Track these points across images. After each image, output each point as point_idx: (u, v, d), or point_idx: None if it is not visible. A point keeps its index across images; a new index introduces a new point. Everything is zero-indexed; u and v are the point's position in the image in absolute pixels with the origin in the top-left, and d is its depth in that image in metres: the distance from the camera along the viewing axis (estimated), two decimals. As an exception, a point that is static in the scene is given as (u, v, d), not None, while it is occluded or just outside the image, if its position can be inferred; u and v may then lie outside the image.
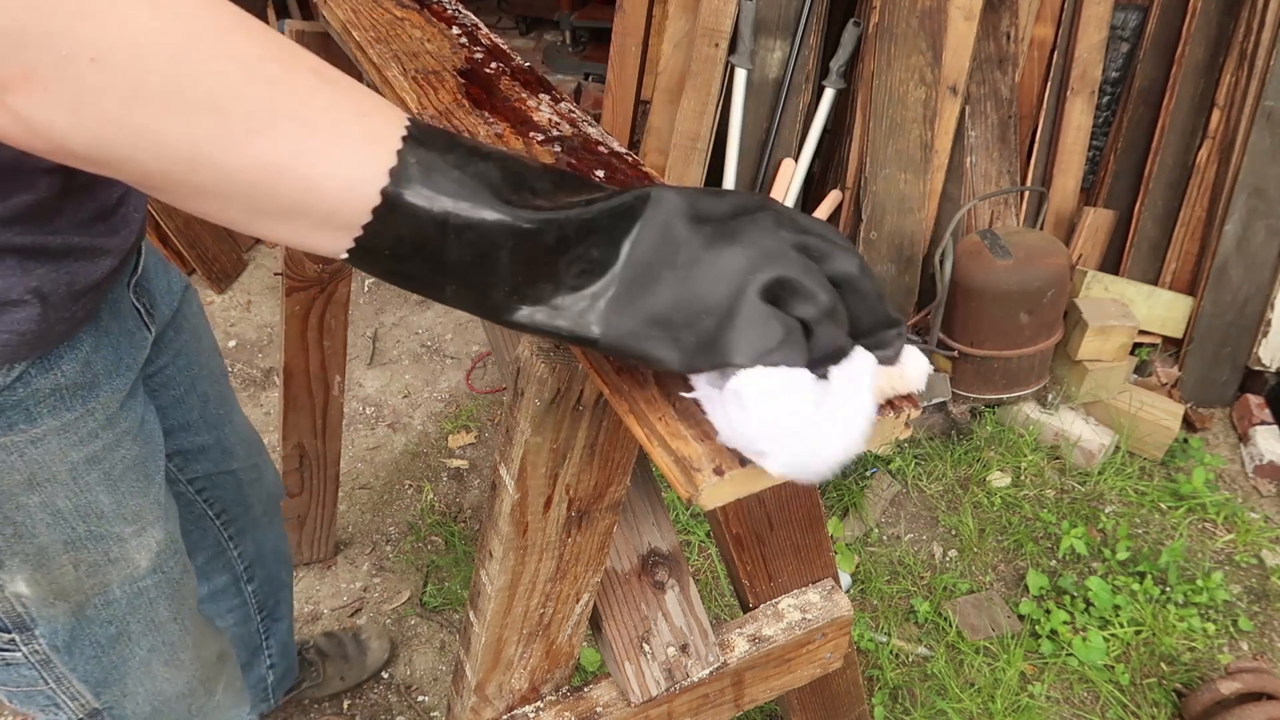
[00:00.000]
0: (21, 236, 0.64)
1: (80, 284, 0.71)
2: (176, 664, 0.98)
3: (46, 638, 0.85)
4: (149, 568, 0.89)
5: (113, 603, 0.87)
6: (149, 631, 0.93)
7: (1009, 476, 2.27)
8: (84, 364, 0.76)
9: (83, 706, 0.93)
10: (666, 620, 0.87)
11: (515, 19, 4.70)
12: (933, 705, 1.77)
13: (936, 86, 2.30)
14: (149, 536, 0.88)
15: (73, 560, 0.81)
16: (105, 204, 0.73)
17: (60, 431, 0.75)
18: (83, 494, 0.79)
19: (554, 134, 0.85)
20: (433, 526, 2.15)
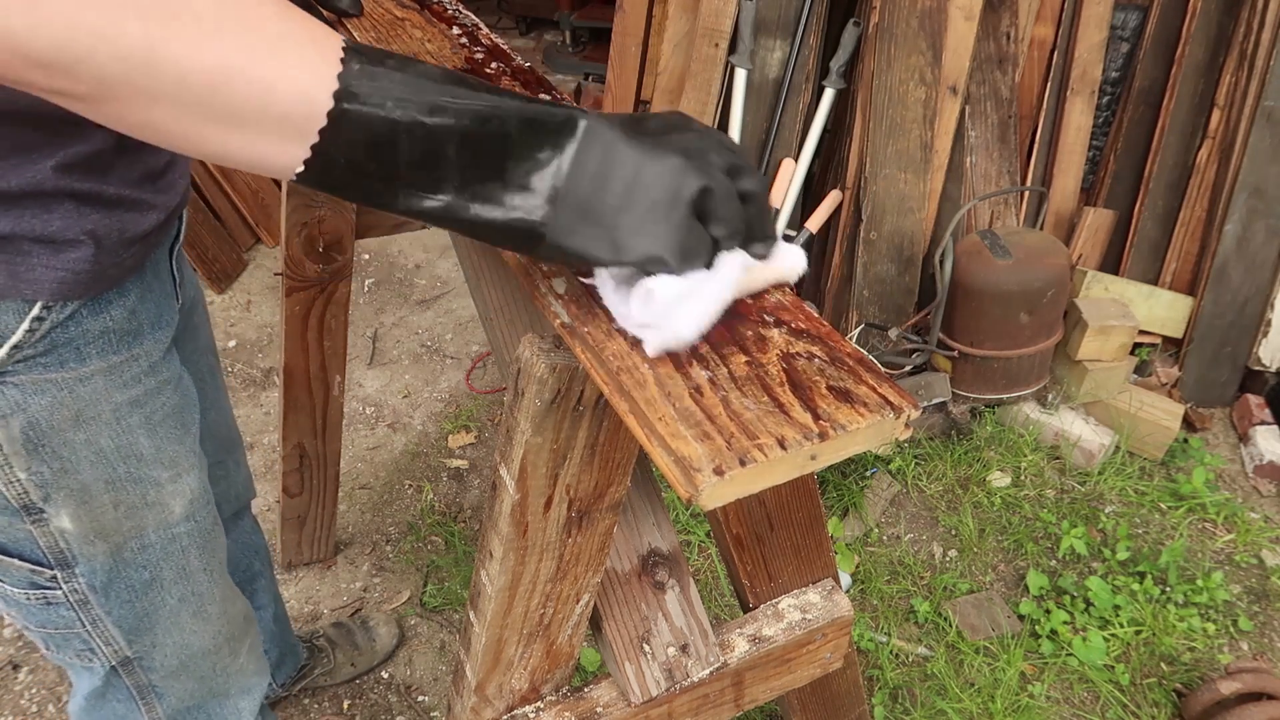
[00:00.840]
0: (79, 183, 0.69)
1: (130, 233, 0.76)
2: (204, 616, 1.01)
3: (85, 577, 0.88)
4: (183, 515, 0.93)
5: (148, 547, 0.91)
6: (180, 580, 0.96)
7: (1009, 476, 2.27)
8: (130, 312, 0.80)
9: (116, 653, 0.96)
10: (666, 620, 0.87)
11: (515, 19, 4.70)
12: (933, 705, 1.77)
13: (936, 86, 2.30)
14: (184, 484, 0.91)
15: (113, 500, 0.85)
16: (154, 166, 0.78)
17: (106, 373, 0.80)
18: (124, 435, 0.83)
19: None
20: (433, 526, 2.15)
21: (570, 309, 0.61)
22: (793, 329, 0.59)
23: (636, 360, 0.56)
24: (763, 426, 0.51)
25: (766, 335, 0.58)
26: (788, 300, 0.62)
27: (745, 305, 0.61)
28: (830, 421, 0.52)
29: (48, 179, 0.67)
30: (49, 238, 0.70)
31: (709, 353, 0.56)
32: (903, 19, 2.27)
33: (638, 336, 0.56)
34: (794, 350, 0.57)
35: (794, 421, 0.52)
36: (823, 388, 0.54)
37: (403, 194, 0.53)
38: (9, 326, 0.72)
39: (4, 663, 1.84)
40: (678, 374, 0.55)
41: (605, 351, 0.56)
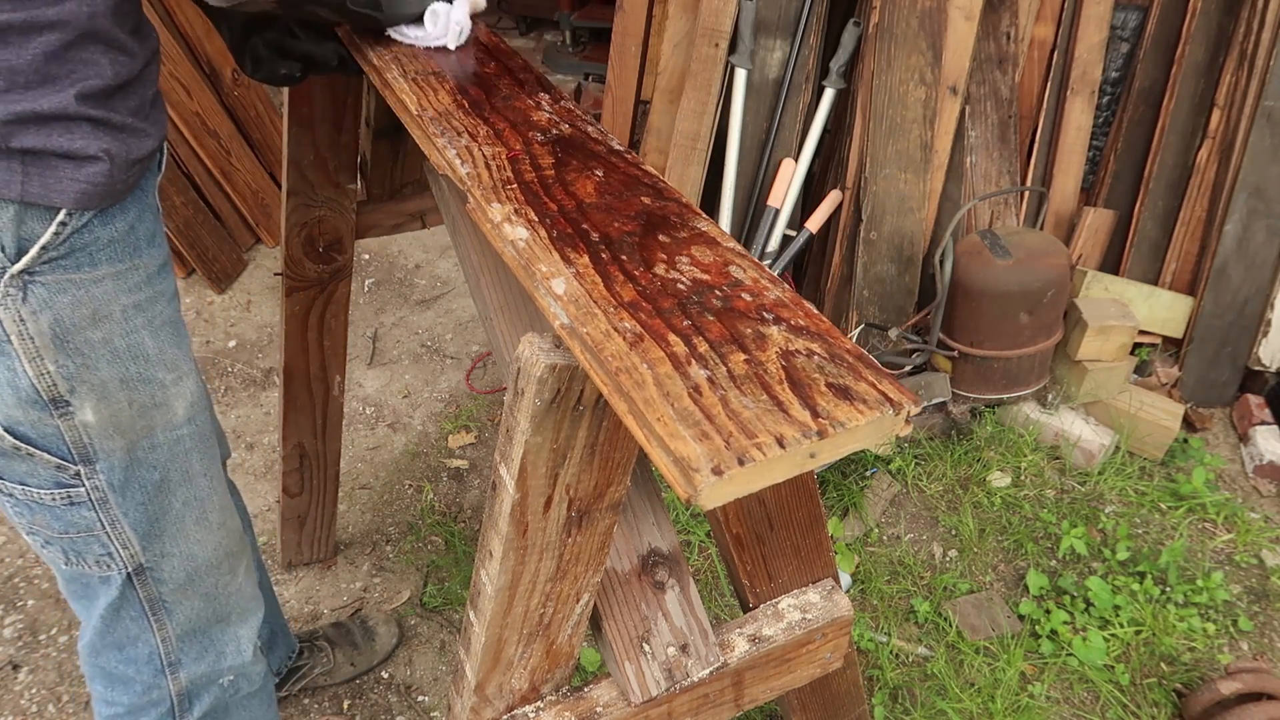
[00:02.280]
0: (94, 110, 0.84)
1: (134, 154, 0.89)
2: (206, 524, 1.09)
3: (105, 474, 0.97)
4: (185, 417, 1.03)
5: (157, 447, 1.01)
6: (184, 482, 1.05)
7: (1009, 476, 2.27)
8: (130, 227, 0.92)
9: (132, 557, 1.04)
10: (666, 620, 0.87)
11: (515, 19, 4.70)
12: (933, 705, 1.77)
13: (936, 86, 2.30)
14: (184, 386, 1.02)
15: (128, 398, 0.96)
16: (145, 98, 0.92)
17: (114, 277, 0.92)
18: (132, 335, 0.95)
19: (554, 133, 0.85)
20: (433, 526, 2.15)
21: (569, 309, 0.61)
22: (792, 326, 0.59)
23: (635, 360, 0.56)
24: (761, 425, 0.51)
25: (765, 333, 0.58)
26: (787, 297, 0.62)
27: (744, 303, 0.61)
28: (829, 419, 0.52)
29: (70, 105, 0.82)
30: (73, 153, 0.83)
31: (708, 351, 0.56)
32: (903, 19, 2.27)
33: (439, 46, 0.99)
34: (793, 347, 0.57)
35: (793, 419, 0.52)
36: (822, 385, 0.54)
37: None
38: (39, 231, 0.84)
39: (4, 663, 1.84)
40: (676, 373, 0.55)
41: (604, 352, 0.56)
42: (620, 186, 0.76)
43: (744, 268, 0.65)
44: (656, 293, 0.62)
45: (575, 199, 0.73)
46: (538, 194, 0.74)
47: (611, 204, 0.73)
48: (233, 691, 1.22)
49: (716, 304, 0.61)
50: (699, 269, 0.65)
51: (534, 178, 0.77)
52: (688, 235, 0.69)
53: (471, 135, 0.83)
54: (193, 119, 2.80)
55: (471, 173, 0.77)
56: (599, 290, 0.62)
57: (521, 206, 0.72)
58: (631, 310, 0.60)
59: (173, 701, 1.16)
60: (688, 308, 0.61)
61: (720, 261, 0.66)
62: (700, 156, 2.44)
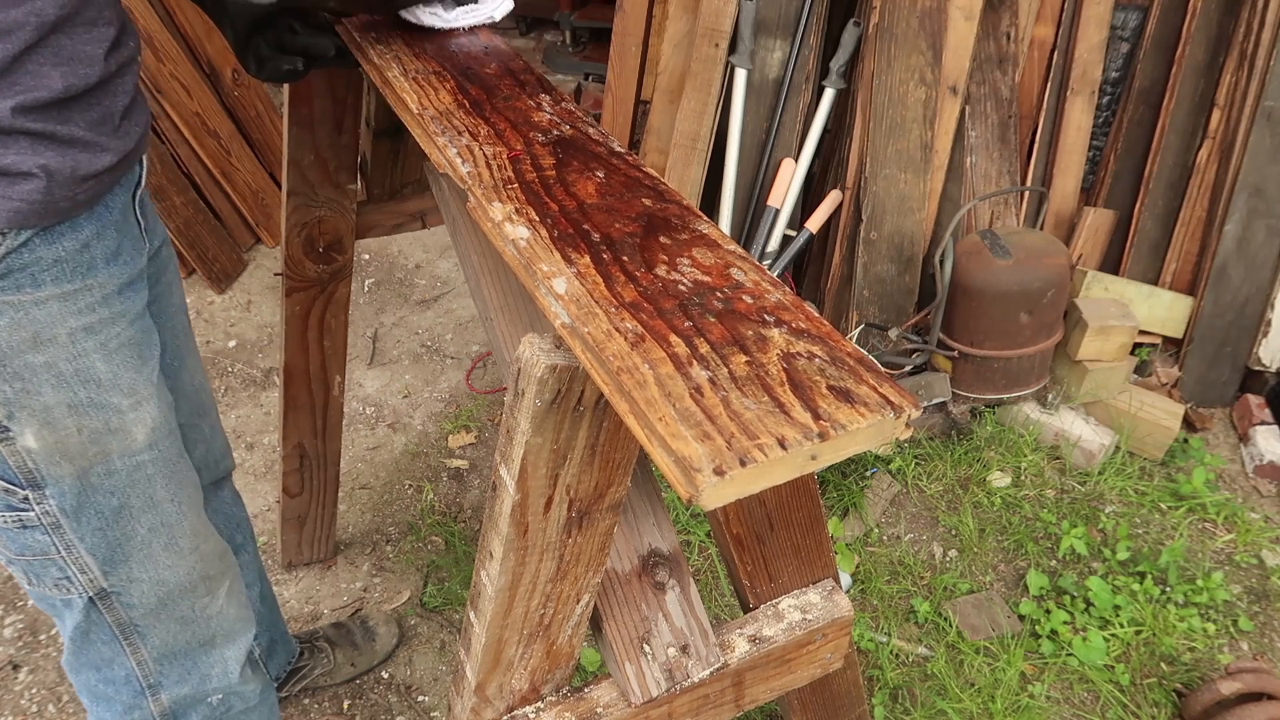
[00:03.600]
0: (34, 123, 0.79)
1: (84, 170, 0.84)
2: (176, 550, 1.05)
3: (56, 499, 0.94)
4: (145, 442, 0.98)
5: (114, 473, 0.96)
6: (148, 509, 1.00)
7: (1009, 476, 2.27)
8: (83, 246, 0.87)
9: (91, 582, 1.00)
10: (667, 621, 0.87)
11: (515, 19, 4.69)
12: (933, 705, 1.77)
13: (936, 86, 2.30)
14: (144, 412, 0.97)
15: (76, 424, 0.91)
16: (110, 110, 0.87)
17: (61, 299, 0.87)
18: (80, 359, 0.90)
19: (554, 134, 0.85)
20: (433, 526, 2.15)
21: (571, 309, 0.61)
22: (793, 329, 0.59)
23: (637, 360, 0.56)
24: (763, 426, 0.51)
25: (767, 335, 0.58)
26: (788, 300, 0.62)
27: (745, 305, 0.61)
28: (831, 421, 0.52)
29: (5, 118, 0.77)
30: (4, 169, 0.78)
31: (710, 353, 0.56)
32: (903, 19, 2.27)
33: (458, 26, 0.97)
34: (794, 350, 0.57)
35: (794, 421, 0.52)
36: (823, 387, 0.54)
37: None
38: None
39: (4, 663, 1.84)
40: (678, 374, 0.55)
41: (605, 352, 0.56)
42: (621, 188, 0.76)
43: (745, 270, 0.65)
44: (658, 294, 0.62)
45: (576, 199, 0.73)
46: (539, 194, 0.74)
47: (613, 205, 0.73)
48: (224, 709, 1.18)
49: (718, 306, 0.61)
50: (700, 271, 0.65)
51: (535, 177, 0.77)
52: (689, 237, 0.69)
53: (472, 134, 0.83)
54: (193, 119, 2.80)
55: (472, 172, 0.77)
56: (600, 290, 0.62)
57: (522, 206, 0.72)
58: (633, 311, 0.60)
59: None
60: (689, 309, 0.61)
61: (721, 264, 0.66)
62: (700, 156, 2.44)
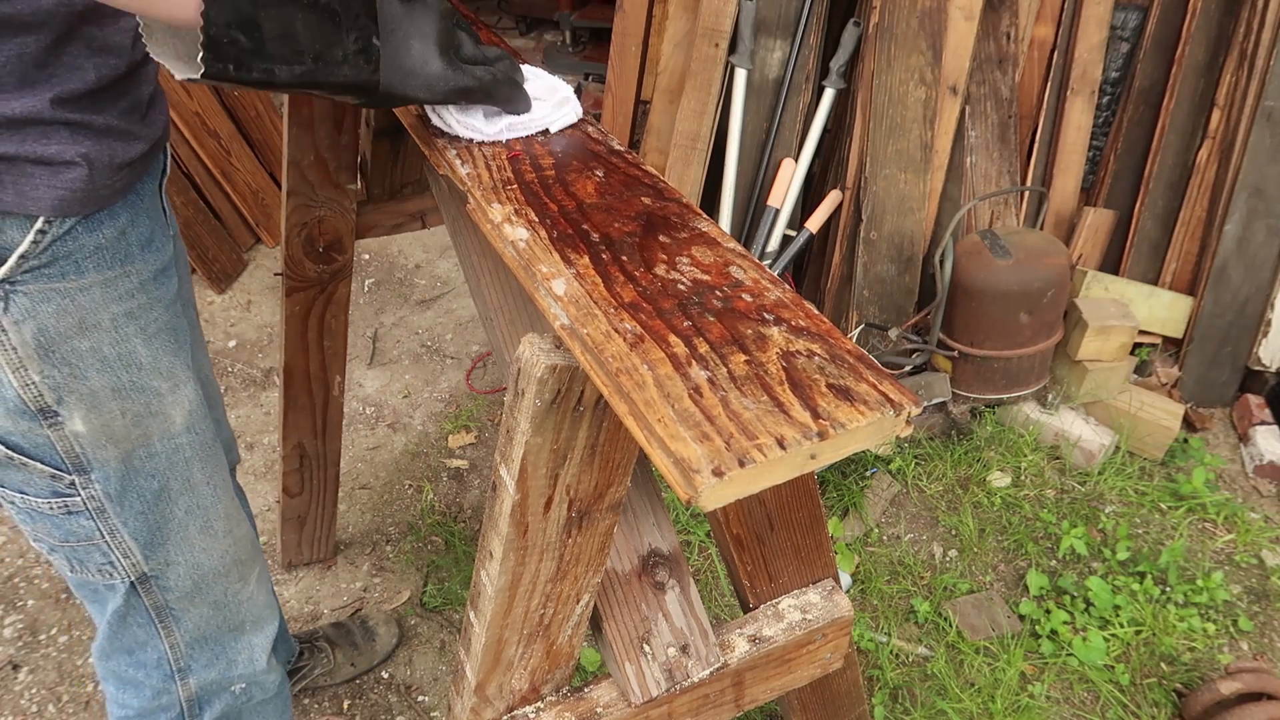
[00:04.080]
0: (73, 114, 0.81)
1: (119, 158, 0.86)
2: (211, 532, 1.08)
3: (101, 483, 0.96)
4: (183, 425, 1.01)
5: (154, 455, 0.99)
6: (185, 491, 1.03)
7: (1009, 476, 2.27)
8: (120, 233, 0.90)
9: (134, 566, 1.03)
10: (667, 621, 0.87)
11: (515, 19, 4.69)
12: (933, 705, 1.77)
13: (936, 86, 2.30)
14: (182, 394, 1.00)
15: (120, 408, 0.94)
16: (139, 99, 0.89)
17: (103, 285, 0.89)
18: (123, 343, 0.93)
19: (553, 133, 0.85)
20: (433, 526, 2.15)
21: (570, 310, 0.61)
22: (792, 327, 0.59)
23: (636, 361, 0.56)
24: (762, 426, 0.51)
25: (766, 333, 0.58)
26: (787, 297, 0.62)
27: (744, 304, 0.61)
28: (830, 420, 0.52)
29: (45, 109, 0.79)
30: (48, 159, 0.81)
31: (709, 352, 0.56)
32: (903, 19, 2.27)
33: (494, 139, 0.83)
34: (794, 348, 0.57)
35: (793, 421, 0.52)
36: (822, 386, 0.54)
37: (276, 66, 0.71)
38: (16, 239, 0.82)
39: (4, 663, 1.84)
40: (677, 374, 0.55)
41: (604, 353, 0.56)
42: (620, 187, 0.75)
43: (744, 268, 0.65)
44: (657, 293, 0.62)
45: (575, 199, 0.73)
46: (538, 194, 0.74)
47: (612, 204, 0.73)
48: (245, 699, 1.21)
49: (717, 305, 0.61)
50: (699, 269, 0.65)
51: (534, 178, 0.77)
52: (688, 236, 0.69)
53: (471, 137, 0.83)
54: (193, 119, 2.80)
55: (472, 173, 0.77)
56: (599, 291, 0.62)
57: (522, 207, 0.72)
58: (632, 311, 0.60)
59: (182, 707, 1.16)
60: (688, 308, 0.61)
61: (721, 262, 0.66)
62: (700, 156, 2.44)
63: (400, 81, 0.77)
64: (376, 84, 0.76)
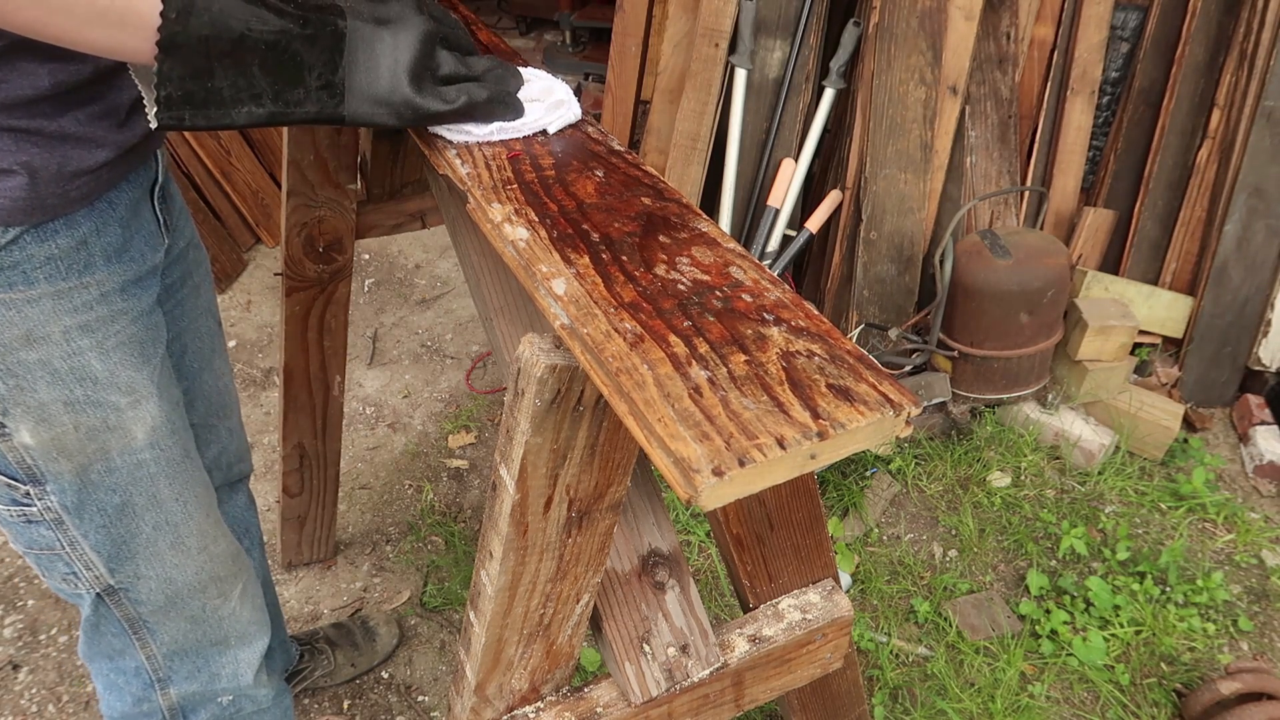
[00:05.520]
0: (16, 120, 0.77)
1: (73, 166, 0.81)
2: (183, 549, 1.04)
3: (56, 495, 0.93)
4: (146, 441, 0.96)
5: (114, 470, 0.95)
6: (152, 507, 0.99)
7: (1009, 476, 2.27)
8: (80, 242, 0.85)
9: (98, 579, 1.00)
10: (667, 620, 0.87)
11: (515, 19, 4.70)
12: (933, 705, 1.77)
13: (936, 86, 2.30)
14: (144, 410, 0.95)
15: (73, 421, 0.90)
16: (114, 104, 0.84)
17: (55, 296, 0.85)
18: (75, 357, 0.88)
19: (553, 133, 0.85)
20: (433, 526, 2.15)
21: (570, 310, 0.61)
22: (792, 327, 0.59)
23: (636, 361, 0.56)
24: (762, 426, 0.51)
25: (766, 334, 0.58)
26: (787, 298, 0.62)
27: (744, 304, 0.61)
28: (830, 420, 0.52)
29: None
30: None
31: (709, 352, 0.56)
32: (903, 19, 2.27)
33: (486, 139, 0.81)
34: (794, 348, 0.57)
35: (793, 421, 0.52)
36: (822, 386, 0.54)
37: (233, 110, 0.70)
38: None
39: (4, 663, 1.84)
40: (677, 374, 0.55)
41: (604, 353, 0.56)
42: (620, 187, 0.75)
43: (744, 268, 0.65)
44: (657, 293, 0.62)
45: (575, 199, 0.73)
46: (538, 194, 0.74)
47: (612, 204, 0.73)
48: (234, 710, 1.18)
49: (717, 305, 0.61)
50: (699, 270, 0.65)
51: (534, 178, 0.77)
52: (688, 236, 0.69)
53: (472, 135, 0.83)
54: (193, 119, 2.79)
55: (472, 173, 0.77)
56: (599, 291, 0.62)
57: (522, 207, 0.72)
58: (632, 311, 0.60)
59: (164, 716, 1.14)
60: (688, 308, 0.61)
61: (721, 262, 0.66)
62: (700, 156, 2.44)
63: (368, 111, 0.75)
64: (342, 117, 0.74)
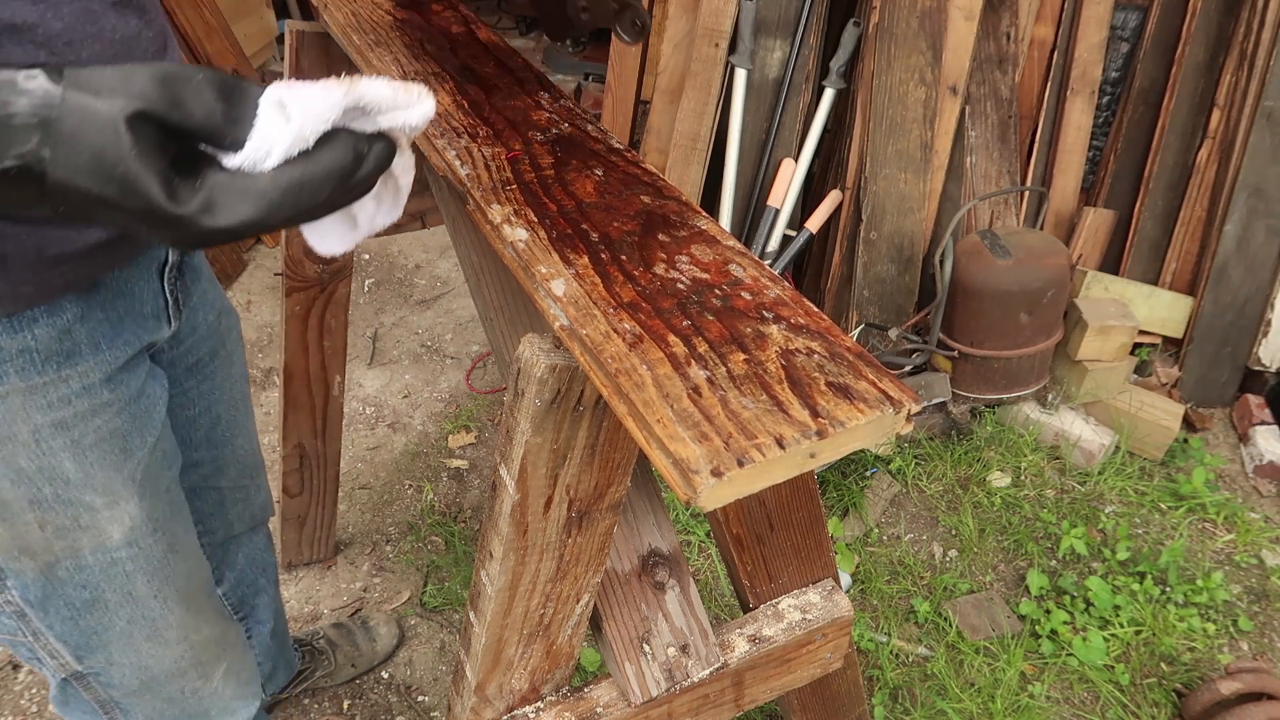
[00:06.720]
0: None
1: (51, 251, 0.71)
2: (160, 640, 0.97)
3: (18, 590, 0.86)
4: (123, 540, 0.88)
5: (85, 568, 0.87)
6: (126, 603, 0.92)
7: (1009, 476, 2.27)
8: (63, 331, 0.76)
9: (63, 666, 0.93)
10: (666, 621, 0.86)
11: (515, 19, 4.70)
12: (933, 705, 1.77)
13: (936, 86, 2.30)
14: (121, 511, 0.87)
15: (38, 520, 0.82)
16: None
17: (26, 393, 0.76)
18: (46, 457, 0.80)
19: (553, 132, 0.85)
20: (433, 526, 2.15)
21: (569, 311, 0.61)
22: (792, 324, 0.59)
23: (635, 361, 0.55)
24: (761, 426, 0.51)
25: (765, 332, 0.58)
26: (787, 295, 0.62)
27: (743, 302, 0.61)
28: (829, 419, 0.52)
29: None
30: None
31: (708, 352, 0.56)
32: (903, 19, 2.27)
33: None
34: (793, 346, 0.57)
35: (792, 420, 0.51)
36: (822, 384, 0.54)
37: None
38: None
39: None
40: (676, 374, 0.54)
41: (604, 353, 0.56)
42: (620, 185, 0.75)
43: (744, 266, 0.65)
44: (656, 293, 0.62)
45: (575, 199, 0.73)
46: (537, 194, 0.74)
47: (611, 203, 0.73)
48: None
49: (716, 303, 0.61)
50: (699, 268, 0.65)
51: (534, 178, 0.77)
52: (687, 234, 0.69)
53: (471, 135, 0.83)
54: (193, 119, 2.79)
55: (471, 174, 0.77)
56: (599, 291, 0.62)
57: (521, 207, 0.72)
58: (631, 311, 0.60)
59: None
60: (687, 307, 0.60)
61: (720, 260, 0.66)
62: (700, 156, 2.44)
63: None
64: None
